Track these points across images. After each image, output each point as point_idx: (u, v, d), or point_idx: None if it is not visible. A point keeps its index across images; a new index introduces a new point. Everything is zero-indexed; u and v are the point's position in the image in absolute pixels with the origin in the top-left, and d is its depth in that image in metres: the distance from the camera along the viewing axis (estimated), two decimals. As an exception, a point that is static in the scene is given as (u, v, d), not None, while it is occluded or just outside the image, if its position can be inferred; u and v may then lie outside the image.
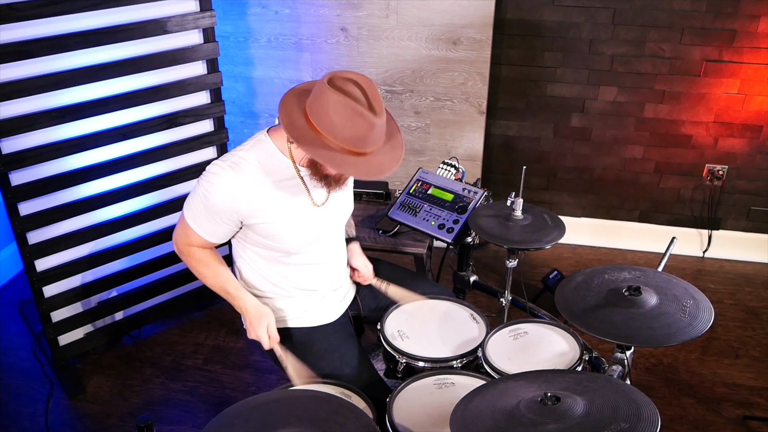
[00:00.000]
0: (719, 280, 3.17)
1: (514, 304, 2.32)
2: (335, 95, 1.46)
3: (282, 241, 1.70)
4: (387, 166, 1.56)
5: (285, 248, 1.73)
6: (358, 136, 1.49)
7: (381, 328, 1.85)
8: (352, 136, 1.48)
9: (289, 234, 1.70)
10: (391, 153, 1.59)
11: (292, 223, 1.70)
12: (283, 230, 1.69)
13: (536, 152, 3.31)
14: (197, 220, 1.68)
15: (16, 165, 2.18)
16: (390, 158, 1.58)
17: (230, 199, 1.61)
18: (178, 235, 1.77)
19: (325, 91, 1.47)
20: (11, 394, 2.51)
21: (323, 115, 1.48)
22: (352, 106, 1.46)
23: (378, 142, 1.55)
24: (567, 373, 1.49)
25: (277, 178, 1.66)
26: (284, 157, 1.66)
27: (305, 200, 1.71)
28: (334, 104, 1.46)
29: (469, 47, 2.97)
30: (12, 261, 3.21)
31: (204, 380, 2.57)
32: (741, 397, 2.48)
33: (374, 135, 1.51)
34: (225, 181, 1.60)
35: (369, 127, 1.48)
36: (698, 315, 1.57)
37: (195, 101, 2.56)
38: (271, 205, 1.65)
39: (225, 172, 1.61)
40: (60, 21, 2.14)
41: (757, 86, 2.95)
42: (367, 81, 1.51)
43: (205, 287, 1.83)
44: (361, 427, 1.33)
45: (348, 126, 1.47)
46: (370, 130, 1.49)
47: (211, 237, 1.71)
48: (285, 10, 3.05)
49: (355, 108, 1.46)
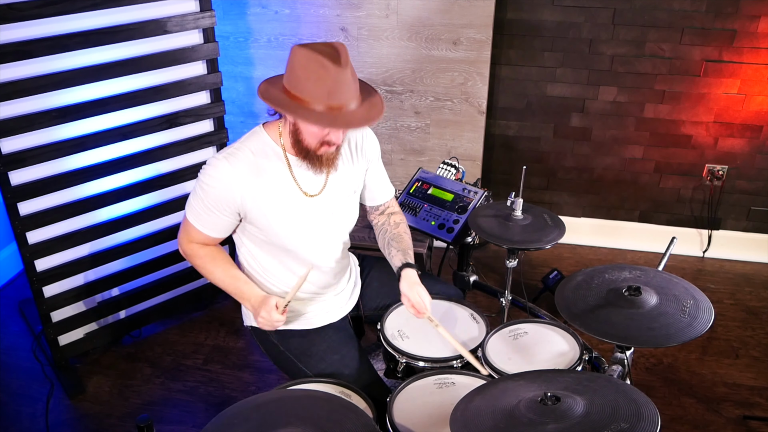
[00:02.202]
0: (719, 280, 3.17)
1: (514, 304, 2.32)
2: (301, 50, 1.52)
3: (275, 232, 1.71)
4: (365, 117, 1.56)
5: (280, 241, 1.73)
6: (328, 89, 1.50)
7: (381, 328, 1.85)
8: (322, 90, 1.50)
9: (280, 223, 1.71)
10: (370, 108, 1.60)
11: (284, 213, 1.71)
12: (275, 219, 1.70)
13: (536, 152, 3.31)
14: (196, 214, 1.70)
15: (16, 165, 2.18)
16: (368, 111, 1.58)
17: (226, 189, 1.64)
18: (181, 237, 1.79)
19: (294, 52, 1.53)
20: (11, 394, 2.51)
21: (294, 77, 1.53)
22: (316, 58, 1.49)
23: (351, 96, 1.55)
24: (567, 373, 1.49)
25: (270, 168, 1.68)
26: (276, 147, 1.69)
27: (295, 191, 1.72)
28: (300, 59, 1.52)
29: (469, 47, 2.97)
30: (12, 261, 3.21)
31: (204, 380, 2.57)
32: (741, 397, 2.48)
33: (342, 87, 1.52)
34: (220, 172, 1.64)
35: (334, 77, 1.50)
36: (698, 315, 1.56)
37: (195, 101, 2.56)
38: (263, 195, 1.67)
39: (220, 163, 1.64)
40: (60, 21, 2.14)
41: (757, 86, 2.95)
42: (338, 43, 1.55)
43: (204, 287, 1.83)
44: (361, 426, 1.34)
45: (317, 80, 1.50)
46: (336, 81, 1.50)
47: (212, 231, 1.72)
48: (285, 10, 3.05)
49: (317, 59, 1.49)
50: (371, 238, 2.48)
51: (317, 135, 1.60)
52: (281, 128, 1.69)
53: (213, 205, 1.67)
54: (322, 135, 1.60)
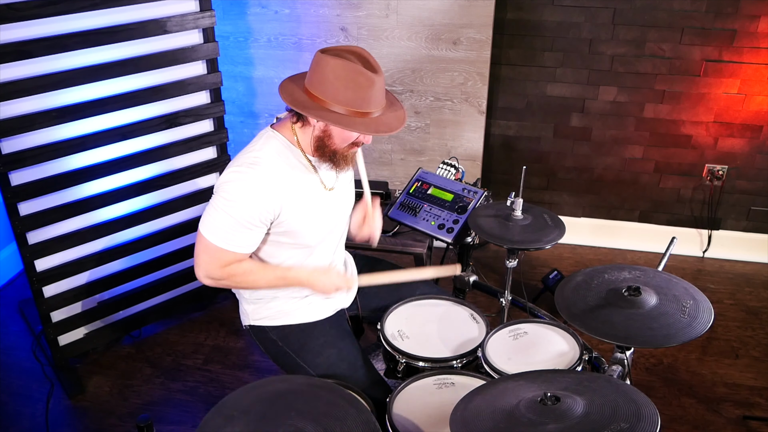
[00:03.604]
0: (719, 280, 3.17)
1: (514, 304, 2.31)
2: (332, 60, 1.50)
3: (303, 232, 1.70)
4: (393, 124, 1.59)
5: (306, 240, 1.72)
6: (361, 96, 1.52)
7: (381, 328, 1.85)
8: (355, 96, 1.51)
9: (310, 222, 1.70)
10: (395, 114, 1.62)
11: (312, 210, 1.70)
12: (306, 219, 1.69)
13: (536, 152, 3.31)
14: (227, 236, 1.60)
15: (16, 165, 2.18)
16: (395, 117, 1.61)
17: (261, 199, 1.58)
18: (208, 266, 1.65)
19: (322, 59, 1.52)
20: (11, 394, 2.51)
21: (324, 83, 1.52)
22: (350, 66, 1.50)
23: (380, 102, 1.58)
24: (567, 373, 1.49)
25: (293, 166, 1.67)
26: (294, 148, 1.68)
27: (317, 185, 1.72)
28: (332, 68, 1.50)
29: (469, 47, 2.97)
30: (12, 261, 3.21)
31: (204, 380, 2.57)
32: (741, 397, 2.48)
33: (375, 93, 1.54)
34: (250, 184, 1.57)
35: (370, 83, 1.51)
36: (698, 315, 1.56)
37: (195, 101, 2.56)
38: (296, 196, 1.65)
39: (245, 175, 1.57)
40: (60, 21, 2.14)
41: (757, 86, 2.95)
42: (359, 48, 1.55)
43: (204, 287, 1.83)
44: (362, 423, 1.33)
45: (350, 86, 1.50)
46: (371, 87, 1.52)
47: (247, 248, 1.64)
48: (285, 10, 3.05)
49: (353, 67, 1.49)
50: (371, 238, 2.48)
51: (349, 138, 1.61)
52: (296, 129, 1.66)
53: (247, 221, 1.59)
54: (353, 137, 1.62)
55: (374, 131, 1.57)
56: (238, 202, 1.57)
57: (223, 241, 1.61)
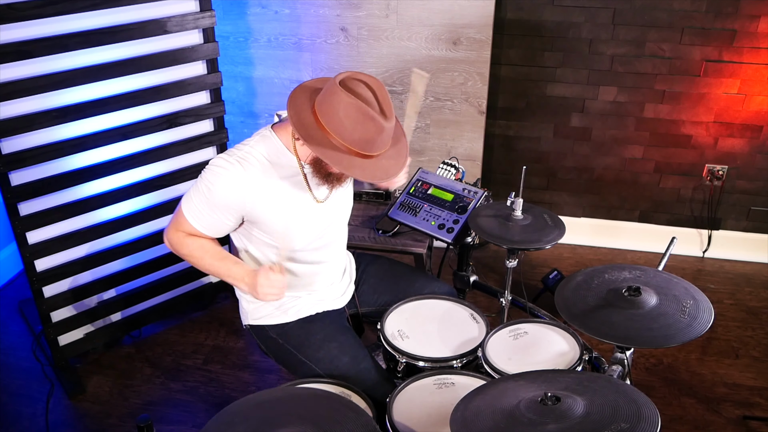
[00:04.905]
0: (719, 280, 3.17)
1: (514, 304, 2.31)
2: (347, 97, 1.47)
3: (285, 238, 1.70)
4: (393, 170, 1.58)
5: (289, 245, 1.72)
6: (367, 139, 1.50)
7: (381, 327, 1.85)
8: (360, 139, 1.49)
9: (292, 230, 1.70)
10: (397, 157, 1.61)
11: (295, 219, 1.70)
12: (287, 226, 1.69)
13: (536, 152, 3.31)
14: (196, 212, 1.67)
15: (16, 165, 2.18)
16: (396, 162, 1.60)
17: (236, 194, 1.61)
18: (170, 225, 1.75)
19: (337, 92, 1.48)
20: (11, 394, 2.51)
21: (333, 116, 1.49)
22: (363, 109, 1.47)
23: (385, 145, 1.57)
24: (567, 373, 1.49)
25: (282, 174, 1.66)
26: (289, 154, 1.67)
27: (308, 197, 1.72)
28: (345, 106, 1.47)
29: (469, 47, 2.97)
30: (12, 261, 3.21)
31: (204, 380, 2.57)
32: (741, 397, 2.48)
33: (382, 138, 1.53)
34: (232, 176, 1.60)
35: (378, 130, 1.50)
36: (698, 315, 1.57)
37: (195, 101, 2.56)
38: (275, 201, 1.66)
39: (232, 167, 1.61)
40: (60, 21, 2.14)
41: (757, 86, 2.95)
42: (378, 84, 1.52)
43: (204, 287, 1.83)
44: (361, 426, 1.34)
45: (358, 129, 1.48)
46: (379, 134, 1.50)
47: (208, 230, 1.70)
48: (285, 10, 3.05)
49: (366, 111, 1.47)
50: (371, 238, 2.49)
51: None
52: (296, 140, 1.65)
53: (217, 207, 1.64)
54: None
55: (370, 178, 1.56)
56: (216, 188, 1.61)
57: (191, 215, 1.68)
